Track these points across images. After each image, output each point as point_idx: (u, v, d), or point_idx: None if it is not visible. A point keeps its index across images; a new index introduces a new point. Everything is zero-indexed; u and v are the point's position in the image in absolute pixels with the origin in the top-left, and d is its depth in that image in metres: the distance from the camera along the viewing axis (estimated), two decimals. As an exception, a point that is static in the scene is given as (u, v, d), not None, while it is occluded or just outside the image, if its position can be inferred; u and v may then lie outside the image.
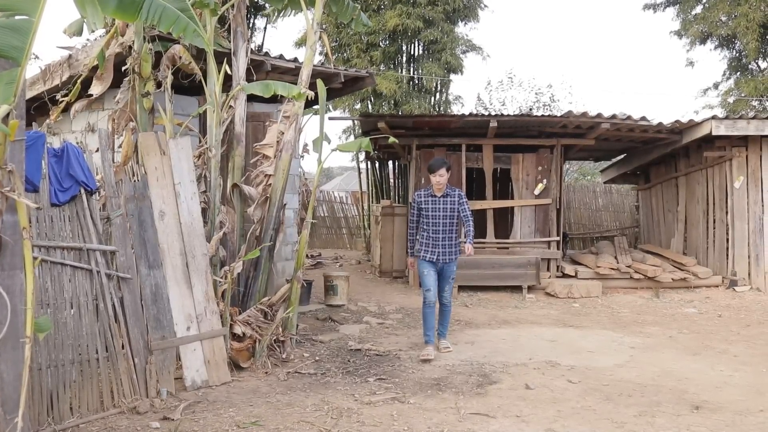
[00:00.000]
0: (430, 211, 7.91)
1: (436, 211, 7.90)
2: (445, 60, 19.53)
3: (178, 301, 6.53)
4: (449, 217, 7.89)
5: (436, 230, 7.88)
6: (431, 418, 5.70)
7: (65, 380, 5.56)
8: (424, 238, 7.97)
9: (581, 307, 11.59)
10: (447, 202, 7.88)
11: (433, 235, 7.89)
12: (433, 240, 7.89)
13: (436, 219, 7.89)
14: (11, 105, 2.80)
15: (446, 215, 7.88)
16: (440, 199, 7.90)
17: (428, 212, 7.92)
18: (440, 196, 7.91)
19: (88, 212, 5.95)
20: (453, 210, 7.89)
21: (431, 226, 7.90)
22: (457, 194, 7.95)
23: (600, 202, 22.40)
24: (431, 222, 7.90)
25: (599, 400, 6.25)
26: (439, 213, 7.88)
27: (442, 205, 7.88)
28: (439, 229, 7.88)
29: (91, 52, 8.68)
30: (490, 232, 13.53)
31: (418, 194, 8.09)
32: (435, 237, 7.88)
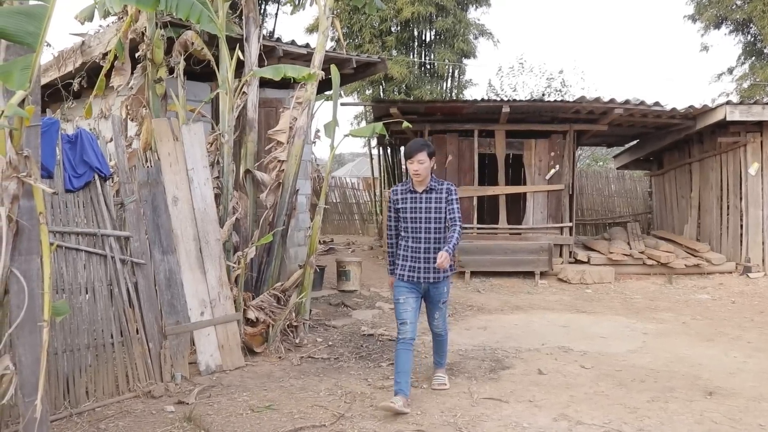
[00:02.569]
0: (409, 212, 5.79)
1: (416, 212, 5.76)
2: (457, 46, 19.48)
3: (192, 287, 6.56)
4: (435, 220, 5.74)
5: (418, 238, 5.75)
6: (444, 402, 5.72)
7: (81, 365, 5.61)
8: (401, 249, 5.88)
9: (594, 292, 11.58)
10: (432, 200, 5.76)
11: (414, 244, 5.77)
12: (414, 252, 5.77)
13: (417, 223, 5.76)
14: (27, 91, 2.81)
15: (431, 217, 5.74)
16: (422, 195, 5.78)
17: (407, 213, 5.81)
18: (422, 191, 5.79)
19: (102, 198, 5.98)
20: (440, 210, 5.75)
21: (411, 232, 5.80)
22: (446, 189, 5.79)
23: (613, 188, 22.32)
24: (411, 227, 5.79)
25: (612, 385, 6.24)
26: (421, 214, 5.75)
27: (425, 203, 5.76)
28: (421, 236, 5.74)
29: (104, 38, 8.71)
30: (503, 218, 13.52)
31: (394, 190, 5.97)
32: (416, 248, 5.75)
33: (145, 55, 7.56)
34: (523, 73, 28.22)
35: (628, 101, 12.54)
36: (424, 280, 5.77)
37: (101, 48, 8.68)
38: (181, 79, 7.68)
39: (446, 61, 19.38)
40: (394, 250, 6.00)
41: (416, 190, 5.81)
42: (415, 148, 5.72)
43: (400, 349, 5.65)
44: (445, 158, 13.48)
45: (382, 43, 19.57)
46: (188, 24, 7.65)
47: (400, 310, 5.77)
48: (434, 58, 19.84)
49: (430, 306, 6.00)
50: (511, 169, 15.78)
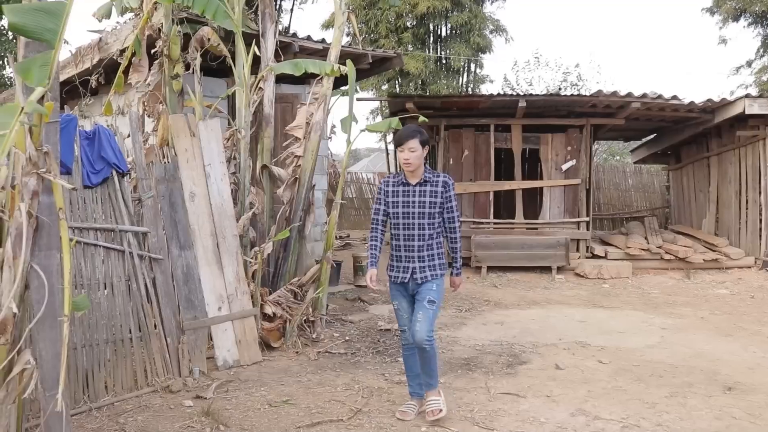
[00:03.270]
0: (400, 207, 5.20)
1: (408, 206, 5.18)
2: (473, 40, 19.43)
3: (210, 282, 6.59)
4: (428, 216, 5.16)
5: (409, 235, 5.18)
6: (461, 397, 5.71)
7: (100, 359, 5.65)
8: (393, 248, 5.33)
9: (611, 287, 11.53)
10: (425, 193, 5.15)
11: (405, 242, 5.20)
12: (406, 249, 5.21)
13: (408, 218, 5.17)
14: (46, 87, 2.83)
15: (423, 212, 5.15)
16: (415, 188, 5.17)
17: (398, 208, 5.21)
18: (415, 183, 5.18)
19: (119, 194, 6.01)
20: (433, 205, 5.15)
21: (401, 229, 5.21)
22: (442, 182, 5.17)
23: (630, 182, 22.21)
24: (401, 223, 5.20)
25: (630, 380, 6.22)
26: (414, 209, 5.16)
27: (418, 197, 5.16)
28: (413, 233, 5.17)
29: (121, 35, 8.75)
30: (519, 212, 13.48)
31: (385, 181, 5.39)
32: (408, 246, 5.19)
33: (161, 51, 7.59)
34: (538, 67, 28.15)
35: (645, 95, 12.46)
36: (413, 281, 5.18)
37: (118, 45, 8.73)
38: (198, 75, 7.70)
39: (462, 55, 19.33)
40: (376, 243, 5.33)
41: (409, 182, 5.19)
42: (406, 135, 5.14)
43: (405, 354, 5.45)
44: (461, 153, 13.46)
45: (398, 38, 19.56)
46: (204, 20, 7.66)
47: (398, 316, 5.43)
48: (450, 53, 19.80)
49: (416, 306, 5.16)
50: (527, 164, 15.73)
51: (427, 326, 5.03)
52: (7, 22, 2.83)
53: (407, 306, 5.29)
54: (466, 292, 10.86)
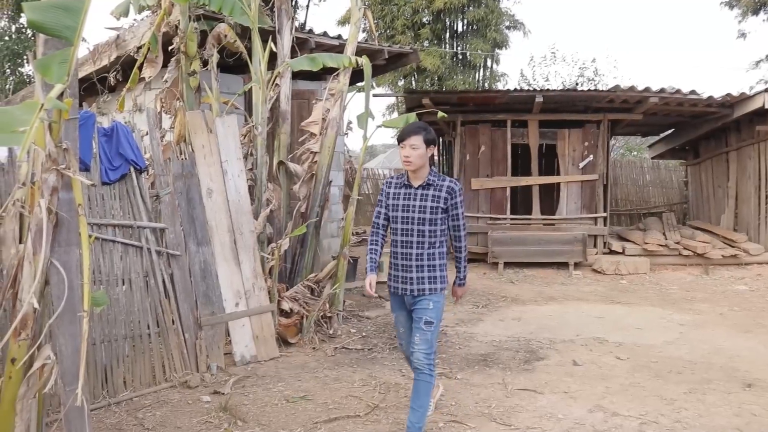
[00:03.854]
0: (400, 210, 4.72)
1: (408, 211, 4.69)
2: (490, 36, 19.39)
3: (227, 278, 6.61)
4: (430, 222, 4.64)
5: (407, 242, 4.68)
6: (478, 393, 5.71)
7: (118, 355, 5.69)
8: (391, 255, 4.85)
9: (629, 283, 11.47)
10: (428, 197, 4.64)
11: (401, 249, 4.71)
12: (403, 258, 4.70)
13: (407, 223, 4.69)
14: (65, 84, 2.84)
15: (423, 218, 4.64)
16: (417, 191, 4.68)
17: (397, 211, 4.74)
18: (418, 186, 4.68)
19: (137, 190, 6.04)
20: (435, 211, 4.63)
21: (400, 234, 4.72)
22: (447, 187, 4.65)
23: (647, 177, 22.05)
24: (400, 228, 4.72)
25: (648, 377, 6.19)
26: (413, 214, 4.66)
27: (419, 201, 4.66)
28: (411, 240, 4.66)
29: (138, 32, 8.78)
30: (536, 208, 13.44)
31: (388, 182, 4.96)
32: (405, 254, 4.69)
33: (178, 48, 7.61)
34: (555, 62, 27.99)
35: (663, 90, 12.37)
36: (408, 293, 4.69)
37: (135, 42, 8.76)
38: (215, 71, 7.72)
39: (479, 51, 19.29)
40: (376, 247, 4.92)
41: (411, 184, 4.71)
42: (408, 131, 4.68)
43: None
44: (477, 149, 13.43)
45: (414, 34, 19.53)
46: (221, 16, 7.69)
47: (396, 328, 5.04)
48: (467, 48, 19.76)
49: (414, 327, 4.70)
50: (544, 160, 15.68)
51: (426, 349, 4.58)
52: (27, 19, 2.85)
53: (405, 320, 4.84)
54: (483, 288, 10.85)
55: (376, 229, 4.96)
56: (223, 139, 6.85)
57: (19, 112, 2.72)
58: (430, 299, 4.64)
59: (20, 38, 20.11)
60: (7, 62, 19.85)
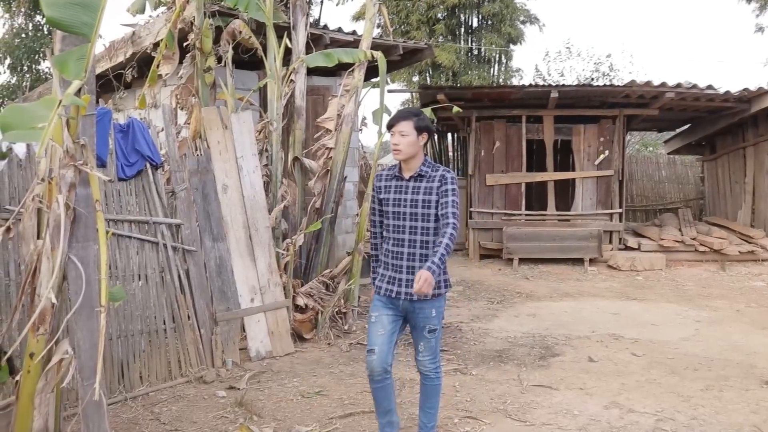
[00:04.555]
0: (392, 205, 4.29)
1: (400, 205, 4.26)
2: (504, 31, 19.34)
3: (242, 273, 6.63)
4: (421, 218, 4.20)
5: (398, 240, 4.26)
6: (494, 389, 5.70)
7: (135, 350, 5.72)
8: (382, 254, 4.44)
9: (644, 280, 11.43)
10: (420, 190, 4.21)
11: (395, 248, 4.29)
12: (394, 258, 4.28)
13: (399, 219, 4.26)
14: (83, 80, 2.86)
15: (416, 213, 4.20)
16: (408, 183, 4.26)
17: (389, 206, 4.31)
18: (409, 177, 4.27)
19: (153, 186, 6.07)
20: (428, 204, 4.19)
21: (392, 231, 4.30)
22: (440, 176, 4.21)
23: (663, 173, 21.89)
24: (392, 225, 4.29)
25: (664, 373, 6.16)
26: (406, 208, 4.23)
27: (411, 194, 4.23)
28: (402, 237, 4.24)
29: (153, 29, 8.81)
30: (551, 204, 13.40)
31: (378, 175, 4.48)
32: (397, 253, 4.26)
33: (194, 44, 7.62)
34: (570, 57, 27.83)
35: (679, 85, 12.29)
36: (404, 297, 4.21)
37: (151, 38, 8.79)
38: (230, 67, 7.74)
39: (494, 46, 19.24)
40: (378, 254, 4.51)
41: (402, 176, 4.30)
42: (397, 117, 4.29)
43: (373, 387, 4.38)
44: (492, 144, 13.39)
45: (429, 30, 19.50)
46: (236, 12, 7.70)
47: (371, 331, 4.33)
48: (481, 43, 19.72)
49: (414, 334, 4.41)
50: (559, 155, 15.62)
51: (431, 355, 4.37)
52: (45, 15, 2.86)
53: (388, 323, 4.28)
54: (498, 284, 10.83)
55: (374, 229, 4.53)
56: (239, 135, 6.87)
57: (38, 109, 2.73)
58: (432, 307, 4.22)
59: (37, 35, 20.21)
60: (25, 59, 19.96)
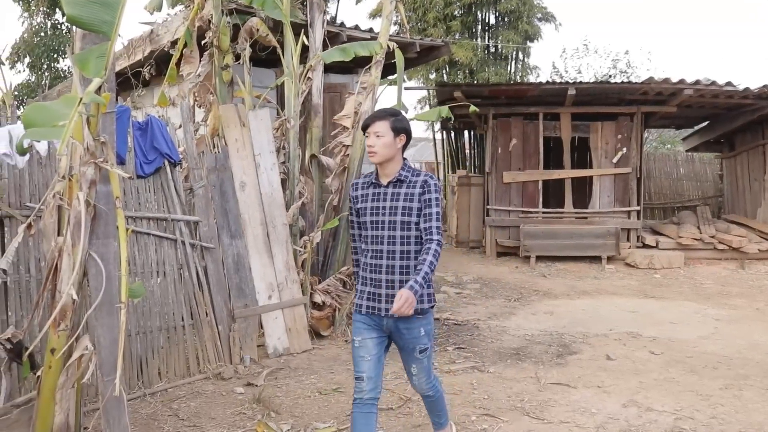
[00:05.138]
0: (369, 214, 3.89)
1: (378, 214, 3.86)
2: (522, 28, 19.30)
3: (260, 270, 6.65)
4: (400, 226, 3.79)
5: (379, 252, 3.83)
6: (511, 387, 5.69)
7: (153, 346, 5.75)
8: (361, 268, 4.00)
9: (662, 278, 11.36)
10: (399, 197, 3.82)
11: (374, 261, 3.86)
12: (373, 271, 3.85)
13: (377, 227, 3.85)
14: (103, 78, 2.88)
15: (394, 221, 3.80)
16: (387, 189, 3.86)
17: (365, 214, 3.91)
18: (387, 183, 3.87)
19: (171, 183, 6.10)
20: (409, 212, 3.79)
21: (371, 243, 3.88)
22: (421, 181, 3.82)
23: (681, 171, 21.75)
24: (371, 236, 3.88)
25: (683, 372, 6.13)
26: (383, 217, 3.84)
27: (390, 201, 3.84)
28: (381, 248, 3.82)
29: (171, 27, 8.85)
30: (568, 201, 13.34)
31: (354, 184, 4.08)
32: (377, 267, 3.84)
33: (211, 42, 7.66)
34: (587, 54, 27.78)
35: (698, 82, 12.20)
36: (386, 314, 3.77)
37: (169, 36, 8.84)
38: (247, 65, 7.77)
39: (510, 43, 19.19)
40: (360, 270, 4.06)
41: (380, 182, 3.90)
42: (372, 117, 3.92)
43: (355, 412, 3.81)
44: (509, 142, 13.36)
45: (446, 27, 19.48)
46: (253, 10, 7.72)
47: (356, 357, 3.88)
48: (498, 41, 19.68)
49: (404, 357, 4.01)
50: (576, 153, 15.55)
51: (426, 376, 4.03)
52: (66, 14, 2.88)
53: (372, 346, 3.84)
54: (515, 281, 10.81)
55: (354, 243, 4.13)
56: (256, 132, 6.89)
57: (59, 107, 2.76)
58: (420, 326, 3.81)
59: (55, 34, 20.37)
60: (44, 58, 20.11)
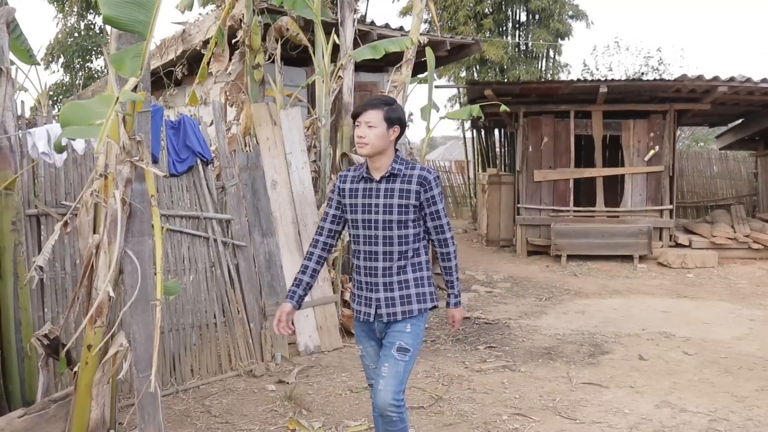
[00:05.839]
0: (360, 211, 3.56)
1: (369, 211, 3.54)
2: (553, 26, 19.21)
3: (291, 269, 6.68)
4: (396, 225, 3.50)
5: (371, 253, 3.55)
6: (543, 386, 5.66)
7: (186, 343, 5.80)
8: (354, 270, 3.72)
9: (696, 277, 11.22)
10: (393, 193, 3.50)
11: (366, 262, 3.58)
12: (367, 273, 3.59)
13: (370, 227, 3.54)
14: (138, 78, 2.91)
15: (389, 220, 3.49)
16: (380, 185, 3.53)
17: (356, 211, 3.58)
18: (380, 178, 3.53)
19: (204, 182, 6.15)
20: (404, 210, 3.49)
21: (362, 243, 3.59)
22: (418, 177, 3.49)
23: (715, 169, 21.48)
24: (361, 235, 3.58)
25: (717, 373, 6.06)
26: (376, 215, 3.52)
27: (382, 197, 3.52)
28: (375, 249, 3.54)
29: (203, 26, 8.92)
30: (600, 200, 13.23)
31: (342, 176, 3.72)
32: (370, 269, 3.57)
33: (243, 41, 7.71)
34: (618, 52, 27.47)
35: (732, 78, 12.03)
36: (374, 319, 3.59)
37: (201, 36, 8.91)
38: (278, 64, 7.81)
39: (541, 41, 19.09)
40: (307, 264, 3.71)
41: (371, 177, 3.56)
42: (364, 105, 3.56)
43: (375, 414, 3.72)
44: (540, 140, 13.28)
45: (476, 25, 19.44)
46: (284, 10, 7.75)
47: (363, 365, 3.85)
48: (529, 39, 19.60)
49: (382, 351, 3.60)
50: (608, 151, 15.42)
51: (395, 385, 3.42)
52: (102, 14, 2.92)
53: (373, 351, 3.72)
54: (546, 280, 10.75)
55: (317, 237, 3.75)
56: (288, 131, 6.92)
57: (95, 105, 2.79)
58: (408, 322, 3.54)
59: (89, 34, 20.62)
60: (77, 58, 20.38)
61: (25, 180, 4.80)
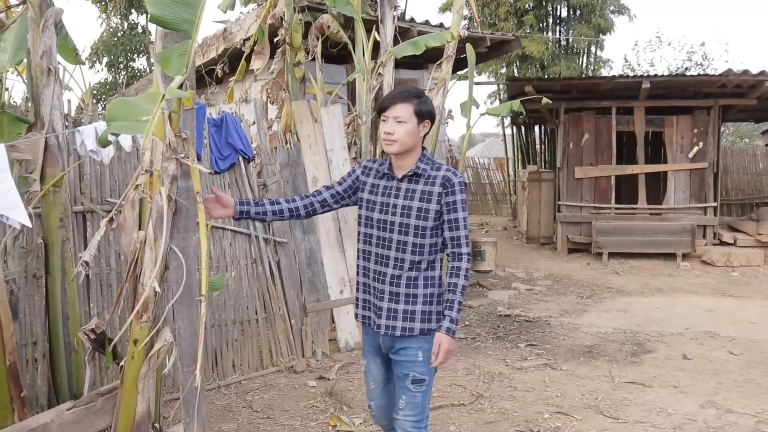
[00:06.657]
0: (377, 210, 3.27)
1: (387, 212, 3.24)
2: (595, 21, 19.03)
3: (332, 265, 6.71)
4: (413, 230, 3.18)
5: (382, 257, 3.24)
6: (584, 385, 5.62)
7: (228, 339, 5.86)
8: (360, 272, 3.38)
9: (741, 276, 11.03)
10: (415, 194, 3.20)
11: (376, 266, 3.27)
12: (375, 278, 3.28)
13: (386, 228, 3.23)
14: (184, 76, 2.94)
15: (407, 224, 3.18)
16: (401, 184, 3.24)
17: (373, 209, 3.29)
18: (402, 177, 3.24)
19: (246, 179, 6.20)
20: (425, 214, 3.18)
21: (374, 244, 3.29)
22: (443, 177, 3.18)
23: (760, 165, 21.09)
24: (375, 235, 3.28)
25: (764, 373, 5.95)
26: (394, 217, 3.22)
27: (402, 198, 3.21)
28: (388, 254, 3.23)
29: (244, 25, 8.98)
30: (642, 197, 13.07)
31: (365, 167, 3.42)
32: (379, 273, 3.26)
33: (283, 39, 7.75)
34: (660, 47, 27.12)
35: (780, 73, 11.81)
36: (378, 328, 3.26)
37: (242, 34, 8.97)
38: (319, 62, 7.83)
39: (583, 37, 18.91)
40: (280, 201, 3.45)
41: (393, 174, 3.27)
42: (392, 98, 3.24)
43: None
44: (581, 136, 13.16)
45: (517, 21, 19.33)
46: (324, 7, 7.79)
47: (366, 380, 3.55)
48: (571, 34, 19.44)
49: (397, 384, 3.31)
50: (650, 147, 15.23)
51: (415, 415, 3.24)
52: (149, 13, 2.95)
53: (377, 370, 3.43)
54: (587, 278, 10.65)
55: (311, 196, 3.47)
56: (328, 128, 6.95)
57: (141, 102, 2.83)
58: (417, 347, 3.20)
59: (132, 34, 20.90)
60: (121, 57, 20.67)
61: (71, 177, 4.89)
